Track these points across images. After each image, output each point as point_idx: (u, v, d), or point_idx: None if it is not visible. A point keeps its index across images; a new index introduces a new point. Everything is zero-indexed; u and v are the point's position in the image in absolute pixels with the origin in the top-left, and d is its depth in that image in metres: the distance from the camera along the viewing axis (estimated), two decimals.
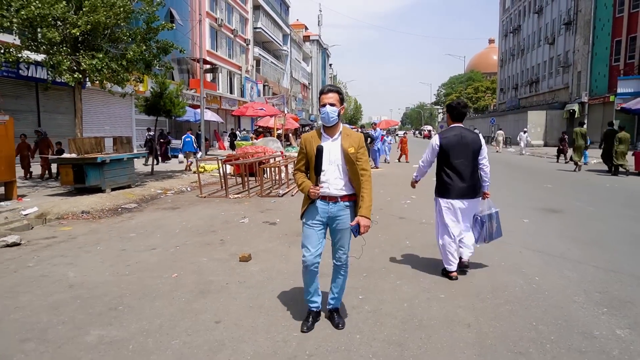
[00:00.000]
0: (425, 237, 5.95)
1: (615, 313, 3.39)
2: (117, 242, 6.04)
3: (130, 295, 4.01)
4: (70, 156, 10.10)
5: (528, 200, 9.17)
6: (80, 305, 3.80)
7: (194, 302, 3.82)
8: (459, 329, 3.19)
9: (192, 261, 5.04)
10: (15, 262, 5.17)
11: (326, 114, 3.03)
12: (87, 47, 10.43)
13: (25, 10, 9.06)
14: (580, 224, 6.74)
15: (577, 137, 16.11)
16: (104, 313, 3.62)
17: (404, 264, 4.79)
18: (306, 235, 3.17)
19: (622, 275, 4.30)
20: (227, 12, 35.14)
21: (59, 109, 16.89)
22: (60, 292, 4.12)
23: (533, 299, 3.72)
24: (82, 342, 3.12)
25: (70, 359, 2.88)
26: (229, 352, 2.94)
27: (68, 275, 4.65)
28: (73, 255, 5.43)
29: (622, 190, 10.74)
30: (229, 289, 4.14)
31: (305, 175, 3.22)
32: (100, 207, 8.69)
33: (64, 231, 6.87)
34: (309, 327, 3.19)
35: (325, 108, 3.03)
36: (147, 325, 3.36)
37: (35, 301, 3.91)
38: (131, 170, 11.13)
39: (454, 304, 3.64)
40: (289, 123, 28.82)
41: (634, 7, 29.43)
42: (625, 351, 2.81)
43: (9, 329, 3.34)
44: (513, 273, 4.40)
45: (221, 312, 3.60)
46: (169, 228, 6.88)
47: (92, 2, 9.89)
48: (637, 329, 3.14)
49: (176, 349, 2.99)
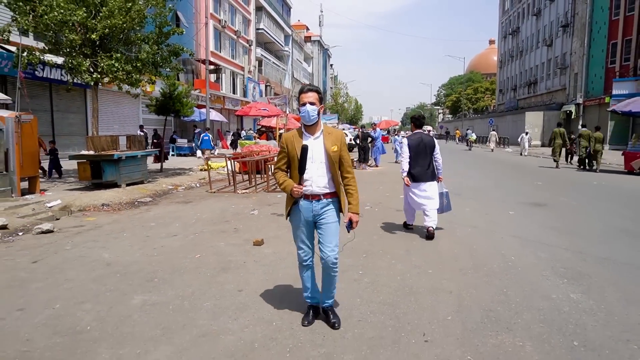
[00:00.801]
0: (417, 226, 6.59)
1: (573, 282, 4.05)
2: (141, 230, 6.69)
3: (161, 271, 4.66)
4: (88, 153, 10.75)
5: (517, 195, 9.83)
6: (120, 278, 4.45)
7: (217, 276, 4.46)
8: (442, 294, 3.84)
9: (211, 245, 5.69)
10: (54, 245, 5.82)
11: (306, 112, 3.04)
12: (104, 50, 11.08)
13: (49, 15, 9.70)
14: (561, 216, 7.40)
15: (556, 137, 17.59)
16: (142, 284, 4.27)
17: (398, 248, 5.43)
18: (296, 236, 3.25)
19: (587, 255, 4.96)
20: (230, 14, 35.78)
21: (70, 108, 17.54)
22: (100, 269, 4.77)
23: (507, 273, 4.37)
24: (129, 304, 3.77)
25: (122, 316, 3.53)
26: (252, 311, 3.58)
27: (103, 256, 5.29)
28: (103, 240, 6.08)
29: (608, 187, 11.38)
30: (247, 266, 4.78)
31: (286, 174, 3.24)
32: (118, 200, 9.34)
33: (90, 221, 7.51)
34: (309, 322, 3.27)
35: (305, 107, 3.05)
36: (181, 292, 4.00)
37: (81, 275, 4.55)
38: (144, 167, 11.78)
39: (440, 277, 4.29)
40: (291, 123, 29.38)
41: (630, 10, 30.05)
42: (574, 308, 3.47)
43: (66, 295, 3.98)
44: (493, 254, 5.05)
45: (242, 283, 4.24)
46: (186, 219, 7.53)
47: (110, 7, 10.53)
48: (588, 293, 3.80)
49: (209, 309, 3.63)
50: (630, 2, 29.85)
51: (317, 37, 73.20)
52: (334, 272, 3.20)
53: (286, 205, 3.24)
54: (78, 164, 10.78)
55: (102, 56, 10.69)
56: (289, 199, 3.21)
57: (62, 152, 16.90)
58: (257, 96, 39.63)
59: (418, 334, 3.09)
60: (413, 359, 2.78)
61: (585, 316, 3.34)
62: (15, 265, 4.95)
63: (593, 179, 13.08)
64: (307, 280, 3.33)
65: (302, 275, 3.34)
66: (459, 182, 12.12)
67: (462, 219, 7.13)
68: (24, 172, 9.38)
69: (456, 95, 72.45)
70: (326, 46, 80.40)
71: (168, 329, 3.26)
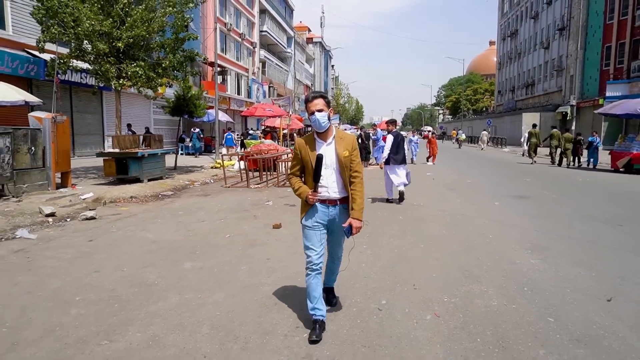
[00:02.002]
0: (413, 214, 7.59)
1: (535, 253, 5.06)
2: (171, 217, 7.68)
3: (200, 246, 5.64)
4: (114, 150, 11.74)
5: (505, 189, 10.81)
6: (168, 251, 5.43)
7: (247, 250, 5.45)
8: (430, 260, 4.83)
9: (236, 228, 6.69)
10: (101, 229, 6.81)
11: (316, 120, 3.06)
12: (127, 57, 12.08)
13: (81, 27, 10.70)
14: (539, 206, 8.39)
15: (531, 137, 20.51)
16: (187, 255, 5.25)
17: (396, 229, 6.42)
18: (308, 237, 3.18)
19: (552, 234, 5.96)
20: (235, 17, 36.78)
21: (88, 109, 18.56)
22: (148, 246, 5.75)
23: (484, 247, 5.37)
24: (182, 268, 4.76)
25: (179, 275, 4.50)
26: (280, 272, 4.56)
27: (147, 236, 6.28)
28: (142, 225, 7.07)
29: (591, 183, 12.36)
30: (270, 243, 5.77)
31: (300, 180, 3.24)
32: (143, 193, 10.32)
33: (124, 210, 8.50)
34: (317, 336, 3.04)
35: (315, 115, 3.05)
36: (221, 261, 4.99)
37: (134, 250, 5.54)
38: (163, 164, 12.79)
39: (429, 249, 5.28)
40: (294, 123, 30.46)
41: (623, 14, 31.01)
42: (531, 269, 4.48)
43: (128, 262, 4.97)
44: (475, 233, 6.05)
45: (268, 254, 5.23)
46: (209, 208, 8.52)
47: (134, 18, 11.53)
48: (544, 260, 4.80)
49: (245, 271, 4.61)
50: (624, 6, 30.81)
51: (318, 39, 74.20)
52: (337, 263, 3.49)
53: (301, 209, 3.26)
54: (104, 160, 11.77)
55: (127, 63, 11.68)
56: (304, 204, 3.22)
57: (81, 150, 17.96)
58: (260, 97, 40.66)
59: (409, 285, 4.08)
60: (405, 299, 3.76)
61: (538, 274, 4.34)
62: (75, 243, 5.94)
63: (579, 176, 14.07)
64: (314, 289, 3.14)
65: (310, 282, 3.15)
66: (455, 179, 13.09)
67: (453, 208, 8.13)
68: (59, 167, 10.38)
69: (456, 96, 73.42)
70: (328, 47, 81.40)
71: (217, 283, 4.25)
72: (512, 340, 2.99)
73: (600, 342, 2.96)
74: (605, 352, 2.83)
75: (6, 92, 10.55)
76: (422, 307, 3.57)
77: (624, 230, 6.34)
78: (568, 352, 2.83)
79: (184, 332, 3.20)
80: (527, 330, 3.14)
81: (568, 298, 3.75)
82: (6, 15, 14.38)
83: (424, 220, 7.14)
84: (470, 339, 3.02)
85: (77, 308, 3.67)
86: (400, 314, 3.45)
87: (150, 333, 3.19)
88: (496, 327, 3.19)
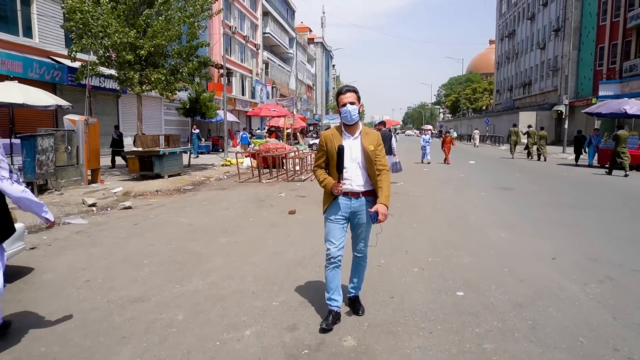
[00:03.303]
0: (410, 202, 8.71)
1: (506, 229, 6.20)
2: (198, 207, 8.81)
3: (230, 227, 6.77)
4: (138, 149, 12.89)
5: (493, 182, 11.95)
6: (203, 231, 6.56)
7: (270, 229, 6.58)
8: (420, 236, 5.96)
9: (257, 214, 7.82)
10: (140, 216, 7.93)
11: (347, 112, 3.12)
12: (149, 64, 13.21)
13: (110, 38, 11.83)
14: (520, 196, 9.53)
15: (511, 135, 23.34)
16: (221, 234, 6.38)
17: (394, 214, 7.52)
18: (329, 230, 3.25)
19: (525, 217, 7.11)
20: (239, 20, 37.92)
21: (105, 111, 19.70)
22: (185, 227, 6.88)
23: (465, 225, 6.50)
24: (218, 242, 5.88)
25: (218, 247, 5.62)
26: (299, 244, 5.68)
27: (182, 221, 7.41)
28: (174, 212, 8.20)
29: (574, 177, 13.47)
30: (288, 225, 6.90)
31: (325, 172, 3.29)
32: (166, 187, 11.46)
33: (154, 201, 9.63)
34: (328, 325, 3.18)
35: (346, 107, 3.12)
36: (249, 237, 6.12)
37: (174, 231, 6.66)
38: (180, 162, 13.92)
39: (420, 228, 6.41)
40: (297, 123, 31.59)
41: (615, 16, 32.06)
42: (500, 240, 5.62)
43: (174, 239, 6.09)
44: (460, 216, 7.19)
45: (288, 232, 6.35)
46: (229, 199, 9.65)
47: (154, 29, 12.65)
48: (514, 235, 5.95)
49: (271, 244, 5.74)
50: (616, 8, 31.86)
51: (319, 39, 75.29)
52: (363, 262, 3.42)
53: (324, 201, 3.34)
54: (128, 158, 12.92)
55: (149, 70, 12.82)
56: (328, 196, 3.28)
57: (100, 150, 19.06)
58: (264, 97, 41.81)
59: (402, 251, 5.21)
60: (398, 260, 4.88)
61: (504, 243, 5.48)
62: (123, 226, 7.08)
63: (564, 172, 15.19)
64: (332, 280, 3.26)
65: (328, 274, 3.27)
66: (449, 173, 14.21)
67: (445, 198, 9.26)
68: (90, 165, 11.51)
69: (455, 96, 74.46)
70: (329, 48, 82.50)
71: (251, 251, 5.38)
72: (474, 282, 4.12)
73: (537, 282, 4.09)
74: (538, 287, 3.96)
75: (41, 97, 11.66)
76: (411, 264, 4.70)
77: (585, 214, 7.49)
78: (512, 287, 3.96)
79: (234, 280, 4.33)
80: (486, 276, 4.27)
81: (522, 258, 4.89)
82: (33, 25, 15.52)
83: (418, 206, 8.27)
84: (444, 281, 4.16)
85: (148, 267, 4.80)
86: (394, 269, 4.58)
87: (209, 281, 4.32)
88: (464, 275, 4.32)
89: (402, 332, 3.16)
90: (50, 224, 3.35)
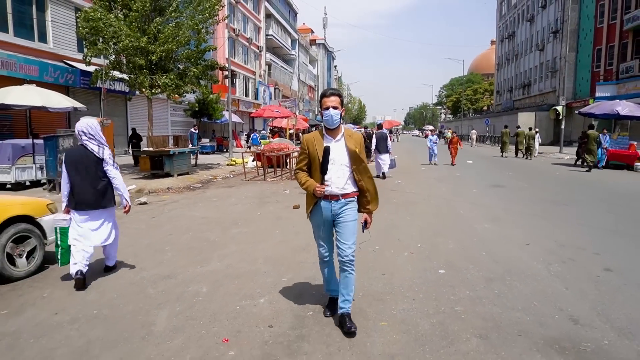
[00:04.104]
0: (406, 198, 9.35)
1: (490, 221, 6.86)
2: (209, 202, 9.48)
3: (240, 220, 7.43)
4: (149, 149, 13.57)
5: (486, 180, 12.59)
6: (216, 223, 7.22)
7: (277, 221, 7.24)
8: (413, 227, 6.61)
9: (264, 208, 8.48)
10: (156, 210, 8.60)
11: (330, 116, 3.15)
12: (159, 68, 13.90)
13: (121, 44, 12.53)
14: (508, 192, 10.19)
15: (502, 136, 24.98)
16: (232, 225, 7.04)
17: (391, 208, 8.18)
18: (317, 234, 3.44)
19: (508, 211, 7.76)
20: (243, 23, 38.63)
21: (115, 112, 20.38)
22: (199, 219, 7.54)
23: (454, 218, 7.16)
24: (231, 232, 6.54)
25: (235, 235, 6.28)
26: (304, 234, 6.30)
27: (195, 214, 8.08)
28: (187, 207, 8.86)
29: (563, 176, 14.09)
30: (293, 218, 7.55)
31: (307, 175, 3.32)
32: (177, 185, 12.13)
33: (166, 198, 10.29)
34: (332, 312, 3.49)
35: (329, 111, 3.14)
36: (258, 228, 6.77)
37: (190, 222, 7.33)
38: (189, 161, 14.61)
39: (413, 220, 7.06)
40: (299, 123, 32.27)
41: (612, 18, 32.61)
42: (484, 230, 6.28)
43: (191, 230, 6.75)
44: (450, 211, 7.85)
45: (293, 224, 7.00)
46: (237, 196, 10.32)
47: (165, 35, 13.33)
48: (497, 225, 6.60)
49: (278, 234, 6.39)
50: (613, 11, 32.42)
51: (321, 40, 75.98)
52: (351, 270, 3.24)
53: (307, 205, 3.43)
54: (140, 158, 13.60)
55: (159, 75, 13.51)
56: (310, 199, 3.36)
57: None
58: (267, 98, 42.50)
59: (395, 239, 5.86)
60: (391, 246, 5.53)
61: (487, 233, 6.13)
62: (142, 219, 7.74)
63: (556, 171, 15.81)
64: (327, 274, 3.53)
65: (323, 270, 3.54)
66: (445, 172, 14.84)
67: (438, 194, 9.91)
68: None
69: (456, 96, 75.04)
70: (330, 48, 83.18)
71: (260, 239, 6.04)
72: (455, 262, 4.78)
73: (509, 262, 4.75)
74: (509, 266, 4.60)
75: (59, 100, 12.34)
76: (402, 250, 5.36)
77: (566, 208, 8.14)
78: (486, 266, 4.62)
79: (247, 262, 4.99)
80: (466, 257, 4.93)
81: (500, 244, 5.55)
82: (47, 31, 16.24)
83: (413, 202, 8.92)
84: (429, 262, 4.81)
85: (170, 253, 5.47)
86: (387, 253, 5.23)
87: (225, 263, 4.98)
88: (447, 257, 4.98)
89: (390, 300, 3.82)
90: (128, 207, 4.68)
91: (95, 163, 4.37)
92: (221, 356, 2.92)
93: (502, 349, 2.91)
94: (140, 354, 2.95)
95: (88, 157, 4.35)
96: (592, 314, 3.43)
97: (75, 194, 4.35)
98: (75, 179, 4.33)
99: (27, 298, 4.01)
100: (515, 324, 3.27)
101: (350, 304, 3.28)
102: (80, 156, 4.36)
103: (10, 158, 10.09)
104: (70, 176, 4.34)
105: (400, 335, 3.16)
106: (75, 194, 4.35)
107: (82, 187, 4.33)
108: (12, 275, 4.42)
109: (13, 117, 14.46)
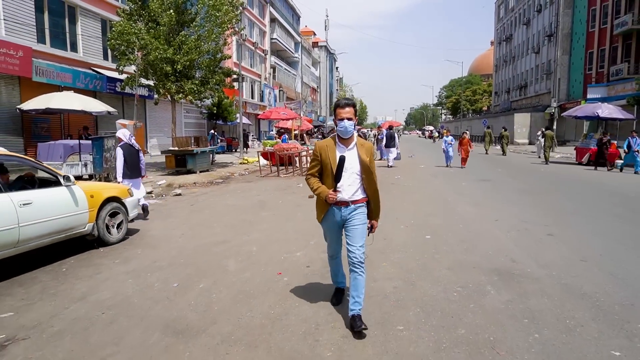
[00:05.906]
0: (403, 189, 10.91)
1: (472, 206, 8.41)
2: (234, 193, 11.03)
3: (266, 206, 8.98)
4: (174, 149, 15.15)
5: (475, 176, 14.13)
6: (246, 209, 8.76)
7: (297, 207, 8.79)
8: (408, 209, 8.17)
9: (284, 198, 10.04)
10: (191, 200, 10.15)
11: (344, 127, 3.27)
12: (183, 76, 15.49)
13: (151, 55, 14.11)
14: (493, 185, 11.73)
15: (486, 135, 28.55)
16: (261, 210, 8.58)
17: (391, 197, 9.73)
18: (327, 237, 3.69)
19: (490, 199, 9.31)
20: (249, 28, 40.22)
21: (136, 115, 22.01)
22: (231, 206, 9.09)
23: (443, 204, 8.72)
24: (261, 214, 8.09)
25: (262, 216, 7.83)
26: None
27: (227, 202, 9.63)
28: (218, 198, 10.42)
29: (548, 172, 15.62)
30: (310, 205, 9.03)
31: (319, 180, 3.46)
32: (201, 180, 13.69)
33: (195, 191, 11.85)
34: (338, 300, 3.84)
35: (344, 122, 3.26)
36: (282, 212, 8.33)
37: (224, 209, 8.87)
38: (209, 160, 16.20)
39: (409, 205, 8.61)
40: (304, 125, 33.84)
41: (603, 23, 34.08)
42: (465, 212, 7.84)
43: (228, 214, 8.30)
44: (440, 198, 9.41)
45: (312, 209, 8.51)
46: (258, 188, 11.88)
47: (189, 45, 14.91)
48: (477, 209, 8.16)
49: (300, 215, 7.94)
50: (604, 16, 33.91)
51: (323, 43, 77.57)
52: (360, 272, 3.31)
53: (318, 210, 3.59)
54: (166, 156, 15.18)
55: (184, 82, 15.10)
56: (322, 204, 3.47)
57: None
58: (272, 100, 44.10)
59: (394, 218, 7.40)
60: (389, 222, 7.07)
61: (468, 214, 7.69)
62: (182, 207, 9.29)
63: (541, 167, 17.35)
64: (335, 268, 3.83)
65: (331, 265, 3.82)
66: (440, 169, 16.36)
67: (432, 187, 11.47)
68: None
69: (456, 97, 76.55)
70: (332, 51, 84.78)
71: (286, 219, 7.59)
72: (438, 231, 6.34)
73: (479, 231, 6.31)
74: (479, 233, 6.14)
75: (94, 104, 13.91)
76: (399, 225, 6.91)
77: (538, 196, 9.71)
78: (462, 233, 6.19)
79: (280, 233, 6.55)
80: (448, 229, 6.49)
81: (476, 220, 7.11)
82: (78, 41, 17.82)
83: (409, 192, 10.47)
84: (419, 231, 6.38)
85: (218, 228, 7.02)
86: (388, 226, 6.78)
87: (264, 234, 6.54)
88: (433, 229, 6.54)
89: (389, 252, 5.38)
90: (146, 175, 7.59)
91: (137, 152, 7.91)
92: (279, 281, 4.48)
93: (461, 275, 4.48)
94: (226, 279, 4.52)
95: (133, 148, 7.89)
96: (527, 258, 5.00)
97: (129, 169, 7.71)
98: (128, 161, 7.70)
99: (128, 254, 5.58)
100: (473, 262, 4.85)
101: (360, 306, 3.32)
102: (129, 148, 7.81)
103: (62, 156, 11.66)
104: (125, 160, 7.67)
105: (395, 269, 4.74)
106: (129, 168, 7.71)
107: (131, 166, 7.75)
108: (109, 241, 5.98)
109: (51, 121, 16.02)
